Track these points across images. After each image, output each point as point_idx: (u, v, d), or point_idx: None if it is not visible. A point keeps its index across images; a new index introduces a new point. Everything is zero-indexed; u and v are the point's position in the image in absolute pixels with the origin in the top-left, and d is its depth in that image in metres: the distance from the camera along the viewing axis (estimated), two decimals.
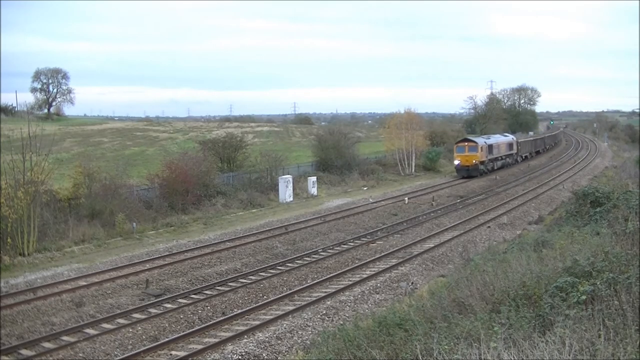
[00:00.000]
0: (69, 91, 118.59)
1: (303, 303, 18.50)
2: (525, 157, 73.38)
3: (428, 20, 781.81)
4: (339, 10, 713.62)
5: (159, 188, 35.96)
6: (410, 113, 74.16)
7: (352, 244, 27.35)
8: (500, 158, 59.87)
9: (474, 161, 52.71)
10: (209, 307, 18.70)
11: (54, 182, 31.93)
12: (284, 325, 16.73)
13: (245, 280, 21.48)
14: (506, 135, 69.01)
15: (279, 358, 14.81)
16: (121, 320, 17.50)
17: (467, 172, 52.51)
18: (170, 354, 14.96)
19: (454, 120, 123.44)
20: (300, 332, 16.30)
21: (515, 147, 65.69)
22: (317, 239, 28.36)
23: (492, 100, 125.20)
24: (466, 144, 53.96)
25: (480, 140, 55.87)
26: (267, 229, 30.44)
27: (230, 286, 20.80)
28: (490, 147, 56.30)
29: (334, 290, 19.80)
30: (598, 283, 9.66)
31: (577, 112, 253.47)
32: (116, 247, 27.40)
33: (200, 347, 15.18)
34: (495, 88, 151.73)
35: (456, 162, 53.80)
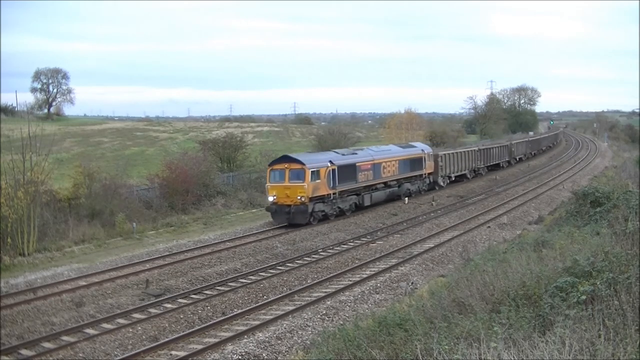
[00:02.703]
0: (69, 91, 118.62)
1: (303, 303, 18.49)
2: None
3: (428, 20, 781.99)
4: (339, 10, 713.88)
5: (159, 188, 35.96)
6: (410, 113, 74.37)
7: (352, 244, 27.34)
8: (379, 186, 36.69)
9: (300, 197, 30.02)
10: (209, 307, 18.69)
11: (54, 182, 31.94)
12: (284, 325, 16.73)
13: (245, 280, 21.48)
14: (411, 146, 43.42)
15: (279, 358, 14.80)
16: (121, 320, 17.49)
17: (289, 218, 30.24)
18: (170, 354, 14.96)
19: (454, 120, 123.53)
20: (300, 332, 16.29)
21: (427, 163, 42.16)
22: (317, 239, 28.35)
23: (492, 100, 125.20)
24: (286, 165, 30.69)
25: (316, 159, 32.11)
26: (267, 228, 30.44)
27: (230, 286, 20.79)
28: (338, 172, 32.10)
29: (334, 290, 19.79)
30: (598, 283, 9.66)
31: (577, 112, 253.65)
32: (116, 247, 27.41)
33: (200, 347, 15.17)
34: (495, 88, 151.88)
35: (270, 197, 30.79)
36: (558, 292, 10.01)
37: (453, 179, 47.65)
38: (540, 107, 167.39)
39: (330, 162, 32.08)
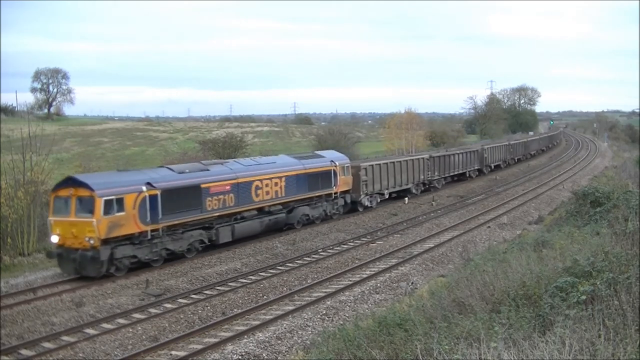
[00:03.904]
0: (69, 91, 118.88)
1: (303, 303, 18.48)
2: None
3: (429, 21, 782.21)
4: (339, 11, 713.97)
5: None
6: (410, 113, 74.41)
7: (352, 244, 27.34)
8: (248, 215, 26.79)
9: (88, 238, 20.86)
10: (209, 307, 18.69)
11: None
12: (284, 325, 16.72)
13: (245, 280, 21.47)
14: (317, 156, 33.00)
15: (279, 358, 14.80)
16: (121, 320, 17.49)
17: (75, 267, 21.31)
18: (170, 354, 14.95)
19: (454, 120, 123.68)
20: (300, 332, 16.29)
21: (339, 178, 32.14)
22: (317, 239, 28.35)
23: (492, 100, 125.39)
24: (72, 191, 21.64)
25: (118, 181, 22.42)
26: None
27: (230, 286, 20.79)
28: (164, 198, 22.61)
29: (334, 290, 19.79)
30: (598, 283, 9.66)
31: (577, 112, 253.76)
32: None
33: (200, 347, 15.16)
34: (495, 88, 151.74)
35: (54, 236, 22.03)
36: (558, 292, 10.00)
37: (387, 196, 37.49)
38: (540, 107, 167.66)
39: (149, 184, 22.32)
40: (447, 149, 56.81)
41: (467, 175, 50.19)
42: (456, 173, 48.09)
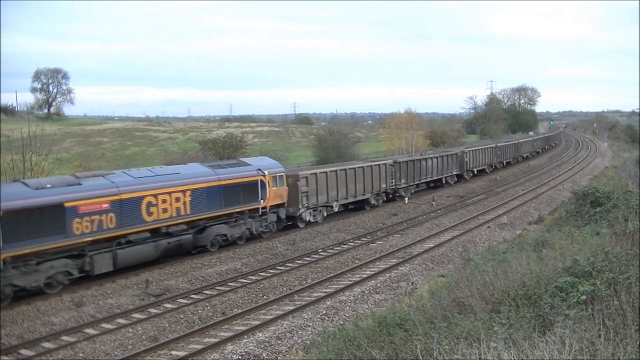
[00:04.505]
0: (69, 91, 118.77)
1: (303, 303, 18.49)
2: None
3: (428, 21, 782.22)
4: (338, 11, 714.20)
5: None
6: (410, 113, 74.38)
7: (352, 244, 27.34)
8: (138, 238, 22.29)
9: None
10: (209, 307, 18.69)
11: None
12: (284, 325, 16.73)
13: (245, 280, 21.48)
14: (241, 164, 27.94)
15: (279, 358, 14.80)
16: (121, 320, 17.50)
17: None
18: (170, 354, 14.96)
19: (454, 120, 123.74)
20: (300, 332, 16.29)
21: (267, 190, 27.42)
22: (317, 239, 28.35)
23: (492, 100, 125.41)
24: None
25: None
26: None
27: (230, 286, 20.80)
28: (2, 222, 18.07)
29: (334, 290, 19.79)
30: (598, 283, 9.66)
31: (577, 112, 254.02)
32: None
33: (200, 347, 15.17)
34: (495, 88, 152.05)
35: None
36: (558, 292, 10.00)
37: (336, 210, 32.86)
38: (540, 107, 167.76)
39: None
40: (422, 152, 52.43)
41: (444, 181, 45.81)
42: (429, 180, 43.68)
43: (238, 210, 25.99)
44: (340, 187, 32.65)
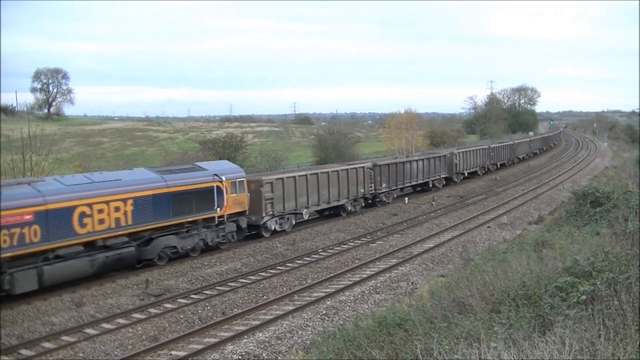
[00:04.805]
0: (69, 91, 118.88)
1: (303, 303, 18.50)
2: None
3: (428, 20, 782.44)
4: (339, 10, 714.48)
5: None
6: (410, 113, 74.38)
7: (352, 244, 27.34)
8: (68, 253, 19.90)
9: None
10: (209, 307, 18.70)
11: None
12: (284, 325, 16.73)
13: (245, 280, 21.48)
14: (194, 168, 25.53)
15: (279, 358, 14.81)
16: (121, 320, 17.50)
17: None
18: (171, 354, 14.96)
19: (454, 120, 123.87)
20: (300, 332, 16.30)
21: (225, 197, 25.15)
22: (317, 239, 28.36)
23: (492, 100, 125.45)
24: None
25: None
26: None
27: (230, 286, 20.80)
28: None
29: (334, 290, 19.80)
30: (598, 283, 9.66)
31: (577, 112, 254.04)
32: None
33: (200, 347, 15.17)
34: (495, 88, 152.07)
35: None
36: (558, 292, 10.00)
37: (306, 217, 30.49)
38: (540, 107, 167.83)
39: None
40: (408, 154, 50.13)
41: (431, 185, 43.61)
42: (415, 183, 41.43)
43: (190, 219, 23.69)
44: (311, 193, 30.36)
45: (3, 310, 17.76)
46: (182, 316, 17.90)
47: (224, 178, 25.10)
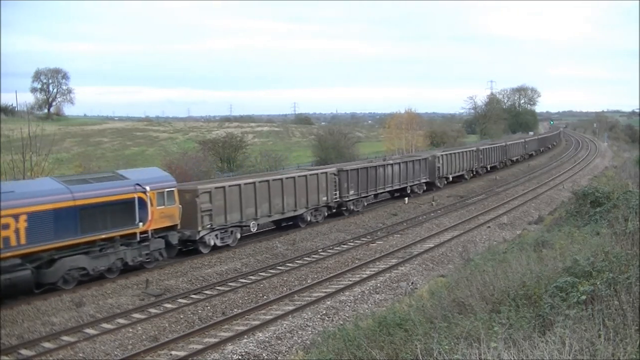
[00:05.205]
0: (69, 91, 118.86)
1: (303, 303, 18.49)
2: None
3: (428, 20, 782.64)
4: (339, 10, 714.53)
5: None
6: (410, 113, 74.47)
7: (352, 244, 27.34)
8: None
9: None
10: (209, 307, 18.70)
11: None
12: (284, 325, 16.73)
13: (245, 280, 21.48)
14: (112, 177, 22.25)
15: (279, 358, 14.81)
16: (121, 320, 17.50)
17: None
18: (171, 354, 14.96)
19: (454, 120, 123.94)
20: (300, 332, 16.29)
21: (149, 210, 22.01)
22: (317, 239, 28.35)
23: (492, 100, 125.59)
24: None
25: None
26: (268, 228, 30.40)
27: (230, 286, 20.80)
28: None
29: (334, 290, 19.80)
30: (598, 283, 9.66)
31: (577, 112, 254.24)
32: None
33: (200, 347, 15.17)
34: (495, 88, 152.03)
35: None
36: (558, 292, 10.00)
37: (254, 230, 27.73)
38: (540, 107, 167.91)
39: None
40: (384, 157, 46.43)
41: (409, 190, 40.16)
42: (390, 190, 38.47)
43: (103, 236, 20.49)
44: (260, 203, 27.12)
45: (3, 310, 17.76)
46: (182, 316, 17.90)
47: (148, 188, 21.89)
